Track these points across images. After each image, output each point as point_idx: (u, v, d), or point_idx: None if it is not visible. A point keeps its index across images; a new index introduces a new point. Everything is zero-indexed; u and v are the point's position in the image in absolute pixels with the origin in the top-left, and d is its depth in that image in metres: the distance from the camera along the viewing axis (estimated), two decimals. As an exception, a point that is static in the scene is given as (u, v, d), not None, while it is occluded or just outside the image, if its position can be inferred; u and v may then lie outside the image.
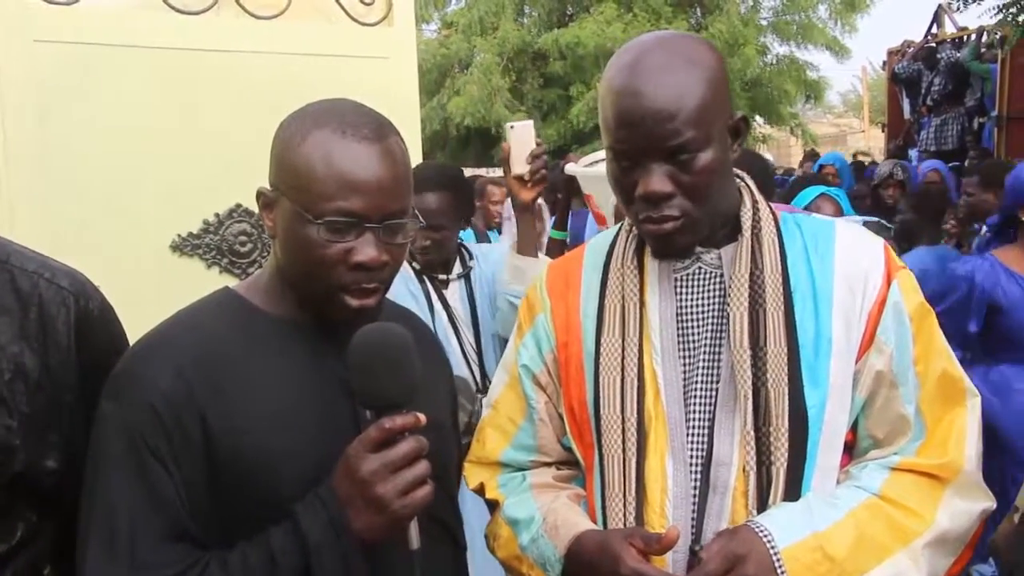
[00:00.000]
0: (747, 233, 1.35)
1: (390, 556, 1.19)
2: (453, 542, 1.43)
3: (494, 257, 2.71)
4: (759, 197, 1.40)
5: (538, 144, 2.31)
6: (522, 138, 2.30)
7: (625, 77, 1.27)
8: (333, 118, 1.21)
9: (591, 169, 2.95)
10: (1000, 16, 6.29)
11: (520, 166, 2.29)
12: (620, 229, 1.46)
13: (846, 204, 3.76)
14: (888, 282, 1.34)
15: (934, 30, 9.83)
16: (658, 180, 1.26)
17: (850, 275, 1.34)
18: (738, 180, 1.41)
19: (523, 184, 2.31)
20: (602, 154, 1.74)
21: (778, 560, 1.21)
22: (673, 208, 1.28)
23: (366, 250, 1.19)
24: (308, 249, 1.19)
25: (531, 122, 2.41)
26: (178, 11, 2.55)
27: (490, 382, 1.90)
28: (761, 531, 1.23)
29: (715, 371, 1.33)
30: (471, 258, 2.71)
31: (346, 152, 1.19)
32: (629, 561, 1.22)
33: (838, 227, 1.41)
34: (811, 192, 3.80)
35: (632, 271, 1.40)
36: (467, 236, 3.37)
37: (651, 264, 1.39)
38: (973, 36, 8.65)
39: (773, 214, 1.39)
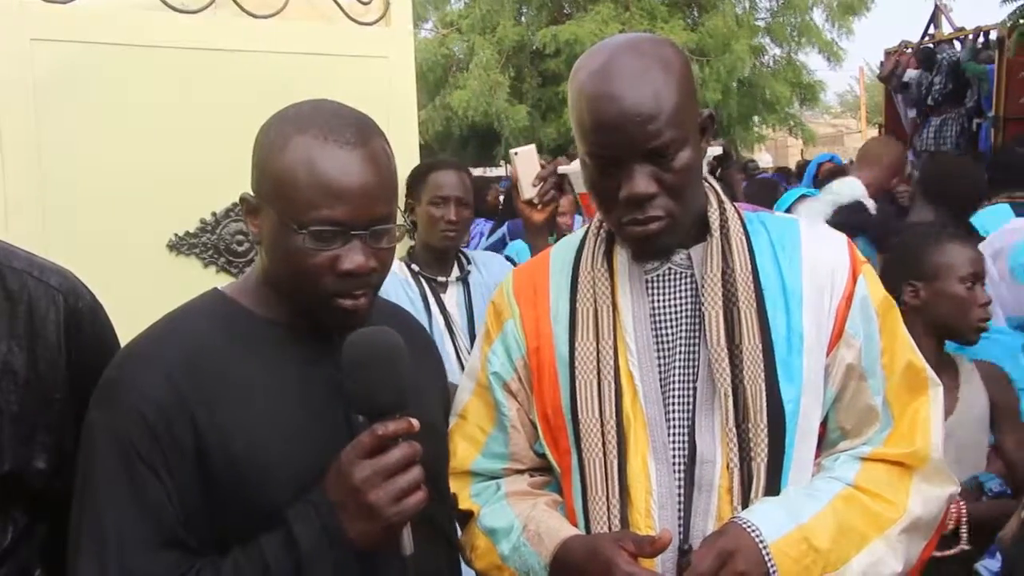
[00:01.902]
0: (716, 233, 1.37)
1: (383, 562, 1.18)
2: (447, 544, 1.42)
3: (496, 267, 2.75)
4: (724, 197, 1.42)
5: (542, 166, 2.35)
6: (526, 163, 2.35)
7: (599, 81, 1.27)
8: (314, 123, 1.17)
9: None
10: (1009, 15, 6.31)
11: (528, 190, 2.33)
12: (586, 232, 1.46)
13: None
14: (854, 277, 1.37)
15: (931, 31, 9.83)
16: (643, 181, 1.27)
17: (817, 271, 1.36)
18: (704, 181, 1.42)
19: (533, 207, 2.35)
20: None
21: (767, 554, 1.23)
22: (657, 208, 1.29)
23: (353, 257, 1.17)
24: (294, 258, 1.17)
25: (533, 147, 2.46)
26: (175, 10, 2.55)
27: None
28: (749, 527, 1.24)
29: (693, 370, 1.34)
30: (468, 263, 2.73)
31: (329, 159, 1.15)
32: (623, 565, 1.21)
33: (802, 225, 1.43)
34: (792, 194, 3.85)
35: (603, 274, 1.40)
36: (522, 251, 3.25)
37: (621, 266, 1.40)
38: (970, 36, 8.64)
39: (738, 213, 1.41)
